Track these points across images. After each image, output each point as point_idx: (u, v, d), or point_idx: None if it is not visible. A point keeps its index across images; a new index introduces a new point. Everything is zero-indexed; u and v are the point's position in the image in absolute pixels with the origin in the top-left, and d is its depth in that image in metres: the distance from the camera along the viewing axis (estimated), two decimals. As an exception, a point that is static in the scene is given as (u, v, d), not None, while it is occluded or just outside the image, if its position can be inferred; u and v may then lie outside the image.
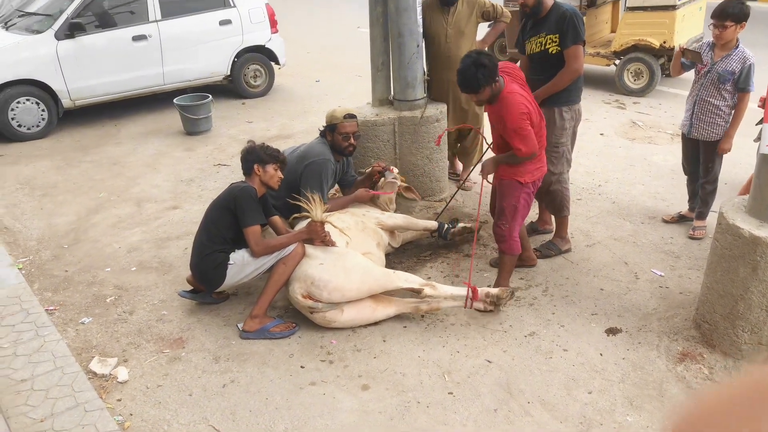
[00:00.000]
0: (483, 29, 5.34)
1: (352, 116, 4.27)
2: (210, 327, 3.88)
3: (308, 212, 3.79)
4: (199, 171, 6.32)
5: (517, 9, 7.79)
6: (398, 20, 4.72)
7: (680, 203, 4.95)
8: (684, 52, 4.20)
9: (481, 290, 3.75)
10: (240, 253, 3.76)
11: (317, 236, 3.76)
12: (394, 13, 4.72)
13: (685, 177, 4.74)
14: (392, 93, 5.15)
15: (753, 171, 4.78)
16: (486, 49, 5.23)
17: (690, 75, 4.51)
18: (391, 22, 4.79)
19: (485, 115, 5.24)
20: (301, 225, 4.06)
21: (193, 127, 7.28)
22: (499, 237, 3.90)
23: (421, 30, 4.82)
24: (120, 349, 3.69)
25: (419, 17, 4.76)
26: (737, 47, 4.06)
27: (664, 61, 7.49)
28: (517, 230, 3.87)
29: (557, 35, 3.95)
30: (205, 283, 3.89)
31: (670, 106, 7.39)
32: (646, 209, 5.04)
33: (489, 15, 4.96)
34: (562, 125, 4.16)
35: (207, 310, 4.04)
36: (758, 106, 4.86)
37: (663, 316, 3.72)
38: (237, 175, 6.08)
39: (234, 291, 4.18)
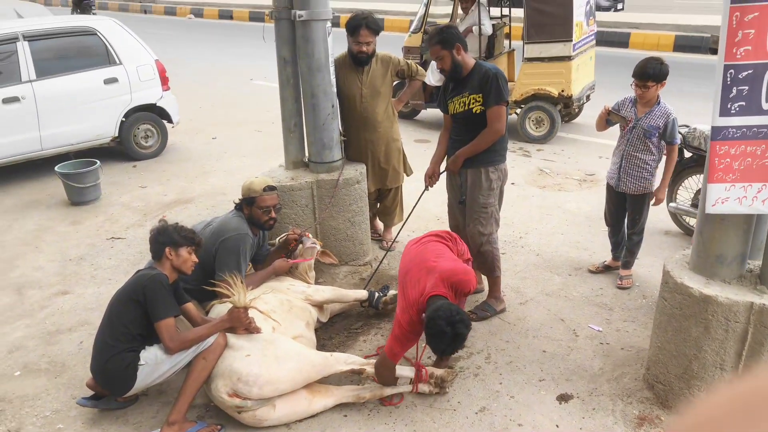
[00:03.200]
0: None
1: (272, 188, 3.94)
2: (118, 442, 3.31)
3: (229, 297, 3.37)
4: (90, 247, 5.64)
5: (417, 61, 7.87)
6: (311, 80, 4.47)
7: (601, 251, 5.00)
8: (610, 114, 4.26)
9: (427, 370, 3.48)
10: (152, 350, 3.26)
11: (240, 324, 3.34)
12: (306, 73, 4.47)
13: (606, 228, 4.78)
14: (307, 155, 4.86)
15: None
16: (401, 107, 5.12)
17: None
18: (304, 83, 4.54)
19: (404, 176, 5.13)
20: (219, 311, 3.62)
21: (80, 197, 6.57)
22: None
23: (335, 90, 4.60)
24: (6, 484, 3.04)
25: (332, 77, 4.54)
26: (659, 103, 4.19)
27: (561, 107, 7.78)
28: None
29: (480, 95, 3.86)
30: (112, 388, 3.34)
31: (572, 152, 7.65)
32: (570, 260, 5.04)
33: (404, 73, 4.85)
34: (489, 185, 4.05)
35: (112, 417, 3.46)
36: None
37: (611, 377, 3.61)
38: (134, 250, 5.50)
39: (144, 391, 3.63)
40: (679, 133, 4.94)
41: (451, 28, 3.99)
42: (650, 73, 4.03)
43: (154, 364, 3.24)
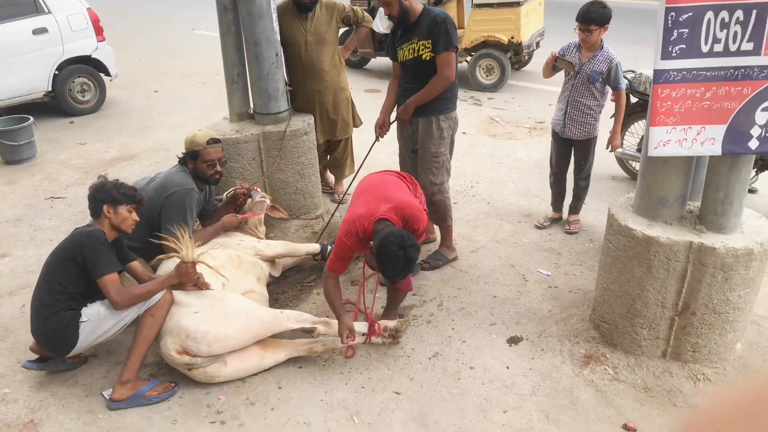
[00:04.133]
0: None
1: (216, 141, 3.81)
2: (68, 401, 3.24)
3: (176, 252, 3.28)
4: (28, 207, 5.40)
5: (365, 8, 7.67)
6: (253, 28, 4.29)
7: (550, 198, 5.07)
8: (557, 60, 4.25)
9: (380, 323, 3.50)
10: (94, 307, 3.16)
11: (189, 279, 3.27)
12: (248, 20, 4.28)
13: (551, 174, 4.82)
14: (252, 106, 4.71)
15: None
16: (348, 55, 4.99)
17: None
18: (245, 30, 4.35)
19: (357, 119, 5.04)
20: (166, 267, 3.53)
21: (14, 155, 6.24)
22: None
23: (278, 38, 4.43)
24: (-50, 451, 2.95)
25: (275, 24, 4.37)
26: (602, 48, 4.19)
27: (511, 55, 7.75)
28: None
29: (429, 41, 3.79)
30: (54, 349, 3.25)
31: (523, 100, 7.67)
32: (520, 207, 5.10)
33: (350, 20, 4.70)
34: (440, 134, 4.02)
35: (61, 380, 3.38)
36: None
37: (559, 318, 3.72)
38: (75, 209, 5.29)
39: (92, 351, 3.55)
40: (625, 78, 4.99)
41: None
42: (593, 17, 4.03)
43: (96, 321, 3.14)
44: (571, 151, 4.52)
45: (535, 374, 3.31)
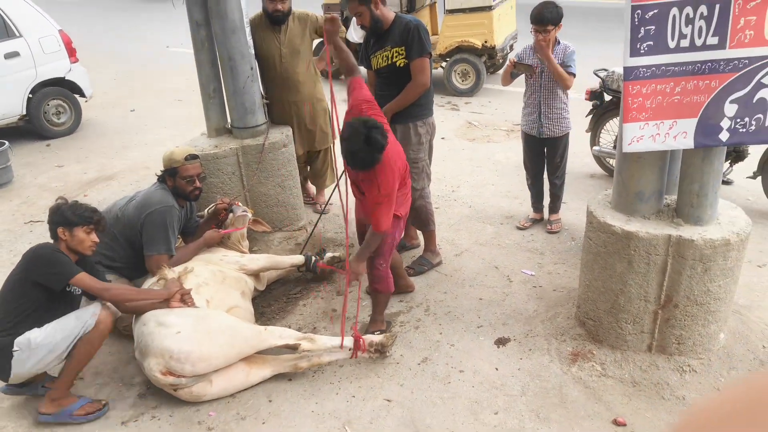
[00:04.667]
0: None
1: (194, 156, 3.80)
2: (56, 427, 3.19)
3: (161, 277, 3.28)
4: (7, 232, 5.33)
5: (336, 14, 7.70)
6: (226, 43, 4.29)
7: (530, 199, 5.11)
8: (515, 65, 4.29)
9: (366, 338, 3.49)
10: (26, 335, 3.05)
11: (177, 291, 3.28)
12: (221, 35, 4.28)
13: (527, 177, 4.85)
14: (229, 121, 4.70)
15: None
16: (323, 66, 5.00)
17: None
18: (219, 46, 4.35)
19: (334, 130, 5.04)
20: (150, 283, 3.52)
21: (-10, 181, 6.17)
22: (377, 278, 3.62)
23: (252, 51, 4.43)
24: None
25: (249, 38, 4.37)
26: (559, 43, 4.26)
27: (486, 59, 7.82)
28: (389, 265, 3.65)
29: (403, 47, 3.81)
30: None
31: (499, 103, 7.74)
32: (501, 209, 5.14)
33: (322, 31, 4.71)
34: (418, 140, 4.05)
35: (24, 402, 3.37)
36: (585, 99, 5.18)
37: (545, 318, 3.74)
38: (56, 233, 5.24)
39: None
40: (598, 76, 5.07)
41: None
42: (548, 17, 4.09)
43: (28, 350, 3.04)
44: (544, 151, 4.56)
45: (523, 374, 3.33)
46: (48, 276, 3.04)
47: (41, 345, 3.05)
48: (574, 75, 4.24)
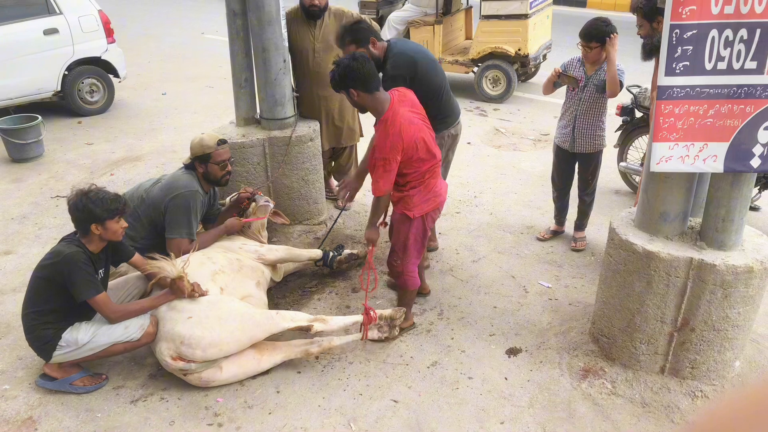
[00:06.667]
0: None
1: (224, 141, 3.85)
2: (67, 399, 3.28)
3: (164, 271, 3.31)
4: (33, 205, 5.44)
5: (373, 17, 7.71)
6: (261, 34, 4.33)
7: (553, 210, 5.07)
8: (560, 76, 4.23)
9: (377, 312, 3.53)
10: (74, 334, 3.22)
11: (182, 294, 3.30)
12: (257, 26, 4.32)
13: (554, 190, 4.79)
14: (259, 111, 4.74)
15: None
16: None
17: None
18: (254, 36, 4.39)
19: (361, 128, 5.05)
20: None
21: (21, 154, 6.29)
22: (394, 272, 3.69)
23: (286, 44, 4.47)
24: (-52, 447, 2.97)
25: (284, 31, 4.41)
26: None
27: (518, 66, 7.77)
28: (413, 264, 3.63)
29: None
30: (38, 353, 3.36)
31: (528, 112, 7.69)
32: (522, 218, 5.11)
33: (358, 27, 4.73)
34: None
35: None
36: (615, 114, 5.12)
37: (559, 331, 3.72)
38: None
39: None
40: (630, 92, 5.01)
41: (360, 23, 3.93)
42: (594, 34, 4.05)
43: (73, 349, 3.23)
44: (575, 166, 4.51)
45: (533, 386, 3.32)
46: (70, 287, 3.12)
47: (86, 345, 3.21)
48: (622, 84, 4.18)
